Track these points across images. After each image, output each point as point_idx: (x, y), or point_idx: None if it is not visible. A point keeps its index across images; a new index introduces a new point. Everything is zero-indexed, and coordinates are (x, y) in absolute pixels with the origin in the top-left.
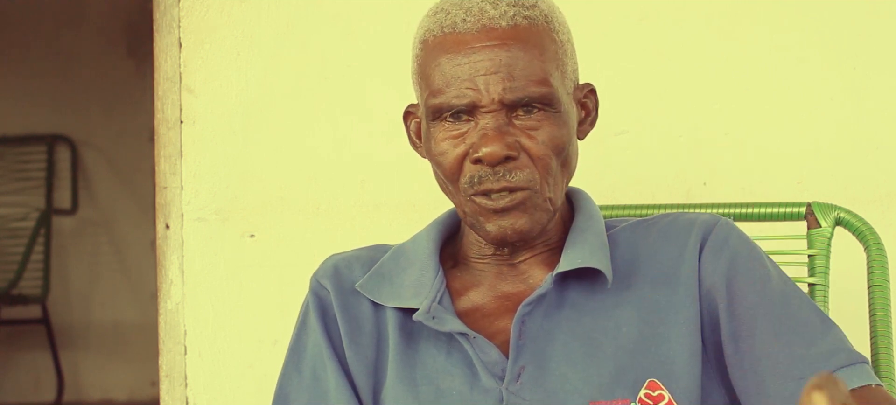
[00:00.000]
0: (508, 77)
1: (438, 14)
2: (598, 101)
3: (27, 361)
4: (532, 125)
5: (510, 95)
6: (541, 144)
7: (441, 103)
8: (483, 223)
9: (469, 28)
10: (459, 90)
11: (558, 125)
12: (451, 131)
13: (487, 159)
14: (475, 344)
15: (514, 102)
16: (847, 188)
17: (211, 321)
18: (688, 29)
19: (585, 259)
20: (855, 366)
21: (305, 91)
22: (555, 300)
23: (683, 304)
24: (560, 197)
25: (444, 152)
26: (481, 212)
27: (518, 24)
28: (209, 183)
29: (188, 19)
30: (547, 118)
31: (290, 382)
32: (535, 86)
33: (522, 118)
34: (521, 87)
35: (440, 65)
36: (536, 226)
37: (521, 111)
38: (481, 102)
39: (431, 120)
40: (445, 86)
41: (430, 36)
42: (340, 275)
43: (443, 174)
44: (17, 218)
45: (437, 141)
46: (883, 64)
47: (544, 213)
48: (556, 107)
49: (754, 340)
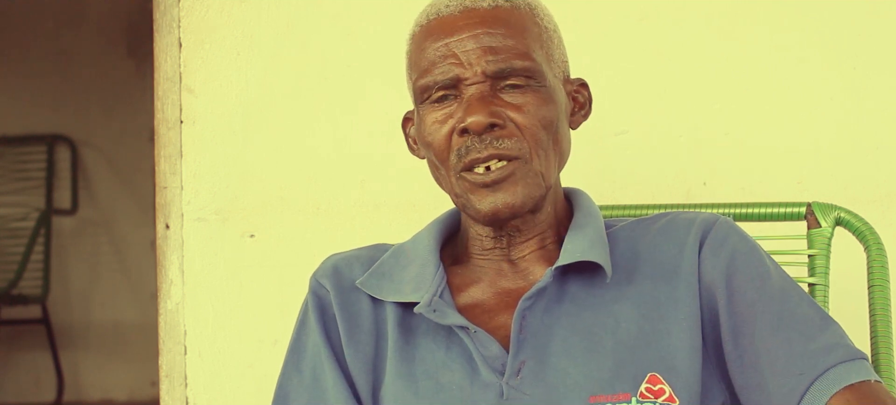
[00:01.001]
0: (491, 50)
1: (425, 8)
2: (591, 96)
3: (27, 361)
4: (518, 100)
5: (493, 66)
6: (528, 115)
7: (427, 82)
8: (474, 202)
9: (452, 11)
10: (444, 66)
11: (545, 101)
12: (439, 112)
13: (473, 127)
14: (476, 338)
15: (498, 73)
16: (847, 188)
17: (211, 321)
18: (688, 29)
19: (585, 252)
20: (854, 362)
21: (305, 91)
22: (555, 294)
23: (684, 300)
24: (552, 174)
25: (433, 132)
26: (471, 188)
27: (500, 6)
28: (209, 183)
29: (188, 19)
30: (533, 93)
31: (290, 382)
32: (518, 58)
33: (508, 93)
34: (504, 59)
35: (425, 49)
36: (528, 200)
37: (507, 86)
38: (465, 75)
39: (419, 103)
40: (431, 66)
41: (416, 28)
42: (340, 274)
43: (434, 156)
44: (17, 218)
45: (426, 124)
46: (883, 64)
47: (536, 187)
48: (540, 81)
49: (753, 336)
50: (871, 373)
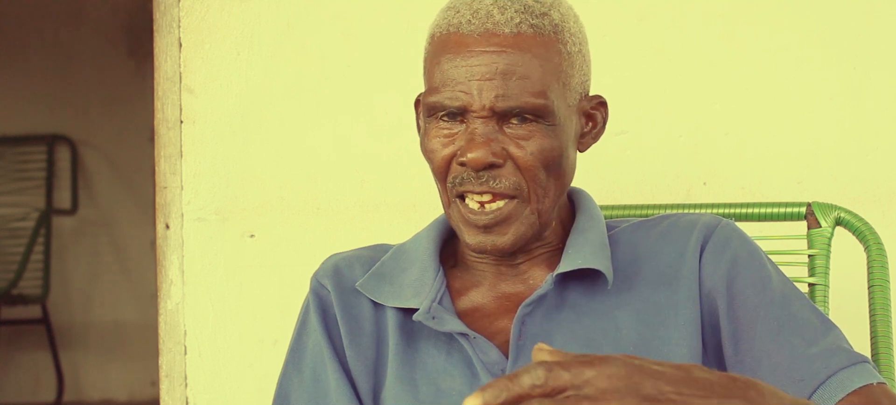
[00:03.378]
0: (503, 85)
1: (449, 11)
2: (608, 115)
3: (27, 361)
4: (523, 135)
5: (502, 104)
6: (529, 155)
7: (435, 102)
8: (464, 234)
9: (472, 30)
10: (453, 92)
11: (550, 138)
12: (443, 130)
13: (471, 164)
14: (475, 344)
15: (506, 112)
16: (847, 188)
17: (211, 321)
18: (688, 29)
19: (586, 259)
20: (855, 366)
21: (305, 91)
22: (555, 301)
23: (684, 305)
24: (550, 209)
25: (434, 151)
26: (464, 221)
27: (522, 33)
28: (209, 183)
29: (188, 19)
30: (539, 130)
31: (291, 382)
32: (530, 97)
33: (514, 127)
34: (515, 97)
35: (440, 63)
36: (518, 241)
37: (514, 119)
38: (472, 107)
39: (427, 116)
40: (441, 85)
41: (437, 32)
42: (341, 274)
43: (433, 171)
44: (17, 218)
45: (430, 138)
46: (883, 64)
47: (528, 228)
48: (549, 120)
49: (754, 342)
50: (874, 376)
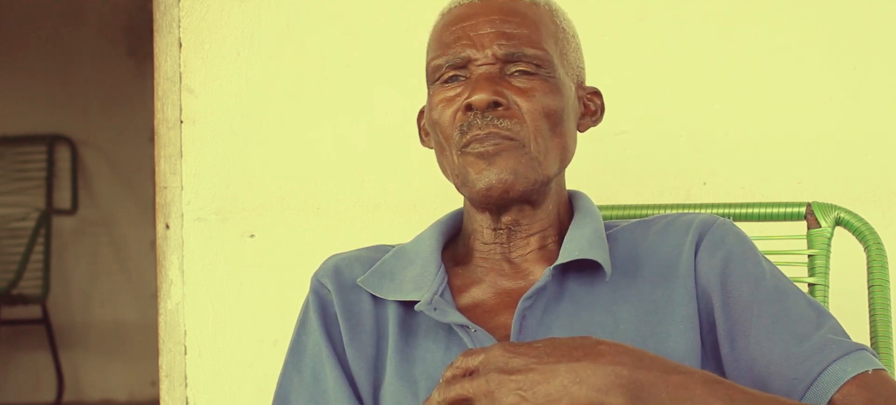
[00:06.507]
0: (504, 35)
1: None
2: (604, 106)
3: (27, 361)
4: (525, 84)
5: (504, 50)
6: (532, 101)
7: (439, 62)
8: (472, 175)
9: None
10: (456, 47)
11: (552, 93)
12: (448, 92)
13: (476, 104)
14: (475, 337)
15: (508, 57)
16: (847, 188)
17: (211, 321)
18: (688, 29)
19: (584, 250)
20: (849, 356)
21: (305, 91)
22: (554, 293)
23: (681, 302)
24: (550, 165)
25: (440, 111)
26: (469, 162)
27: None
28: (209, 183)
29: (188, 19)
30: (541, 83)
31: (291, 382)
32: (530, 46)
33: (517, 78)
34: (515, 45)
35: (441, 34)
36: (521, 180)
37: (516, 72)
38: (475, 56)
39: (431, 83)
40: (445, 47)
41: (437, 19)
42: (341, 274)
43: (440, 134)
44: (17, 218)
45: (435, 104)
46: (883, 64)
47: (530, 170)
48: (549, 71)
49: (749, 339)
50: (870, 363)
